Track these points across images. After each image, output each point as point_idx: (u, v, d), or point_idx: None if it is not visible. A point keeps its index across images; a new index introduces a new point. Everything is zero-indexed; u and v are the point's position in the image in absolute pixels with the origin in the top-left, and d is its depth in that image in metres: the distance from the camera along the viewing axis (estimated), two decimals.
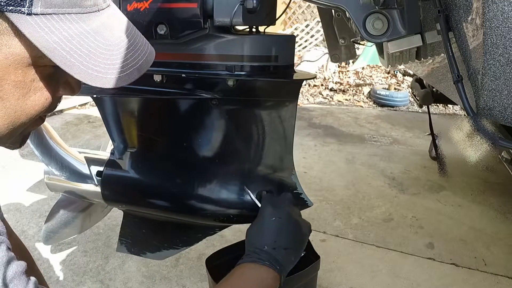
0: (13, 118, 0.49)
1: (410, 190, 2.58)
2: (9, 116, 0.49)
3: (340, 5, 0.91)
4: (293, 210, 0.90)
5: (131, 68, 0.52)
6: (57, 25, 0.45)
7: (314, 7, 5.57)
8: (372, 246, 2.02)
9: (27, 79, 0.48)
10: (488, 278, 1.79)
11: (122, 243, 1.19)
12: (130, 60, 0.52)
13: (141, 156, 1.07)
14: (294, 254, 0.83)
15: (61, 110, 4.15)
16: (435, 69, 1.34)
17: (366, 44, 2.36)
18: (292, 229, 0.86)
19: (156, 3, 0.85)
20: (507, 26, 0.74)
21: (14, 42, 0.45)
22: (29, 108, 0.50)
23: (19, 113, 0.49)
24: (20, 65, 0.47)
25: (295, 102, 0.97)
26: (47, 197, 2.36)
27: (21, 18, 0.43)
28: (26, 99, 0.49)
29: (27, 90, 0.49)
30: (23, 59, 0.46)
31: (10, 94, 0.47)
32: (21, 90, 0.48)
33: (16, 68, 0.46)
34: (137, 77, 0.53)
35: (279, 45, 0.94)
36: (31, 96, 0.49)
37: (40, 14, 0.44)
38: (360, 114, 4.33)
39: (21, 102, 0.49)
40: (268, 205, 0.90)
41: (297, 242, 0.86)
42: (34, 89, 0.49)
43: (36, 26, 0.44)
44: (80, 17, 0.47)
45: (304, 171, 2.80)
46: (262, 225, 0.86)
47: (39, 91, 0.50)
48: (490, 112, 0.84)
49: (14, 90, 0.47)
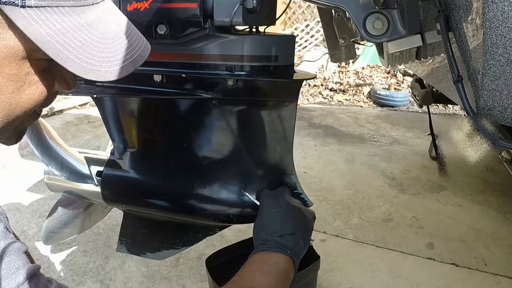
0: (8, 111, 0.49)
1: (410, 190, 2.58)
2: (4, 109, 0.49)
3: (340, 5, 0.91)
4: (291, 199, 0.92)
5: (126, 62, 0.52)
6: (51, 17, 0.45)
7: (314, 7, 5.57)
8: (372, 246, 2.02)
9: (21, 73, 0.48)
10: (488, 278, 1.79)
11: (122, 243, 1.19)
12: (125, 54, 0.52)
13: (141, 156, 1.07)
14: (302, 239, 0.84)
15: (61, 110, 4.15)
16: (435, 69, 1.34)
17: (366, 44, 2.36)
18: (295, 215, 0.87)
19: (156, 3, 0.85)
20: (507, 26, 0.74)
21: (8, 35, 0.45)
22: (24, 102, 0.50)
23: (14, 107, 0.49)
24: (14, 58, 0.47)
25: (295, 102, 0.97)
26: (47, 197, 2.36)
27: (15, 11, 0.43)
28: (20, 92, 0.49)
29: (22, 84, 0.49)
30: (17, 52, 0.46)
31: (5, 87, 0.47)
32: (16, 83, 0.48)
33: (10, 61, 0.46)
34: (132, 70, 0.53)
35: (279, 45, 0.94)
36: (26, 90, 0.49)
37: (34, 6, 0.44)
38: (360, 114, 4.33)
39: (16, 95, 0.49)
40: (266, 199, 0.92)
41: (302, 226, 0.86)
42: (29, 83, 0.49)
43: (30, 19, 0.44)
44: (74, 10, 0.47)
45: (304, 171, 2.80)
46: (264, 217, 0.87)
47: (34, 84, 0.50)
48: (490, 112, 0.84)
49: (9, 83, 0.47)
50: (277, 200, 0.89)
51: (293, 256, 0.79)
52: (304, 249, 0.84)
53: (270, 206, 0.89)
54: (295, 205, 0.90)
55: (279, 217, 0.86)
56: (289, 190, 0.97)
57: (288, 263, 0.78)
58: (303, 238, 0.84)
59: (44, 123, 1.12)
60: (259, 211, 0.91)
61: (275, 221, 0.85)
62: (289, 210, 0.87)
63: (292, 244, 0.81)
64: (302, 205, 0.93)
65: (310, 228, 0.89)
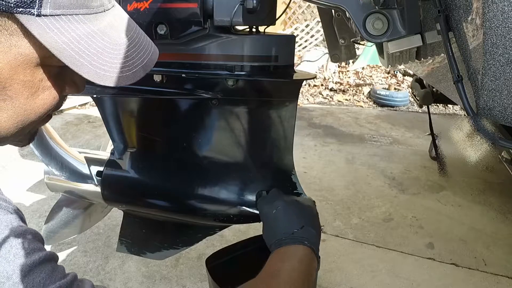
0: (23, 117, 0.51)
1: (410, 190, 2.58)
2: (19, 115, 0.50)
3: (340, 5, 0.91)
4: (286, 197, 0.94)
5: (137, 67, 0.53)
6: (66, 26, 0.46)
7: (314, 7, 5.57)
8: (372, 246, 2.02)
9: (35, 79, 0.49)
10: (488, 278, 1.79)
11: (122, 243, 1.19)
12: (136, 59, 0.53)
13: (141, 156, 1.07)
14: (313, 227, 0.85)
15: (61, 110, 4.15)
16: (435, 69, 1.34)
17: (366, 44, 2.36)
18: (297, 210, 0.88)
19: (156, 3, 0.85)
20: (507, 26, 0.74)
21: (23, 43, 0.46)
22: (38, 107, 0.51)
23: (28, 112, 0.51)
24: (28, 65, 0.48)
25: (295, 102, 0.97)
26: (47, 197, 2.36)
27: (30, 20, 0.44)
28: (35, 98, 0.50)
29: (36, 89, 0.50)
30: (32, 59, 0.47)
31: (19, 93, 0.48)
32: (30, 89, 0.49)
33: (25, 68, 0.47)
34: (142, 75, 0.54)
35: (279, 45, 0.94)
36: (40, 95, 0.51)
37: (49, 15, 0.44)
38: (360, 114, 4.33)
39: (30, 101, 0.50)
40: (263, 206, 0.93)
41: (307, 216, 0.87)
42: (42, 88, 0.51)
43: (45, 27, 0.44)
44: (88, 18, 0.48)
45: (304, 171, 2.80)
46: (269, 223, 0.88)
47: (47, 90, 0.51)
48: (490, 112, 0.84)
49: (23, 90, 0.49)
50: (273, 203, 0.90)
51: (311, 245, 0.80)
52: (318, 237, 0.85)
53: (269, 211, 0.89)
54: (292, 200, 0.92)
55: (282, 217, 0.87)
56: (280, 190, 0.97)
57: (309, 253, 0.79)
58: (313, 227, 0.85)
59: None
60: (262, 221, 0.91)
61: (281, 222, 0.86)
62: (289, 207, 0.88)
63: (307, 235, 0.82)
64: (298, 198, 0.95)
65: (315, 214, 0.91)
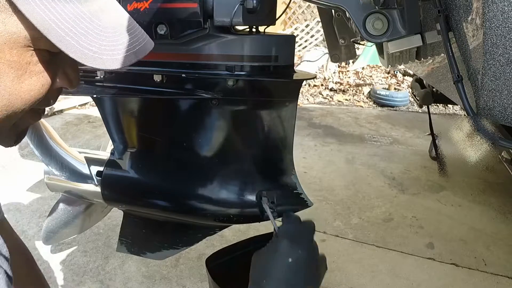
0: (7, 101, 0.49)
1: (410, 190, 2.59)
2: (3, 98, 0.48)
3: (340, 5, 0.91)
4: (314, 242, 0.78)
5: (128, 52, 0.52)
6: (54, 4, 0.46)
7: (314, 7, 5.57)
8: (372, 246, 2.02)
9: (22, 61, 0.48)
10: (488, 278, 1.79)
11: (122, 243, 1.19)
12: (127, 44, 0.52)
13: (141, 156, 1.07)
14: None
15: (61, 110, 4.16)
16: (435, 69, 1.34)
17: (366, 44, 2.36)
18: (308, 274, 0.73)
19: (156, 3, 0.85)
20: (507, 26, 0.74)
21: (11, 20, 0.45)
22: (24, 92, 0.50)
23: (13, 97, 0.49)
24: (15, 45, 0.47)
25: (295, 102, 0.97)
26: (47, 197, 2.36)
27: None
28: (21, 82, 0.49)
29: (22, 72, 0.48)
30: (19, 38, 0.46)
31: (5, 74, 0.47)
32: (16, 71, 0.48)
33: (12, 47, 0.46)
34: (134, 61, 0.53)
35: (279, 45, 0.94)
36: (26, 80, 0.49)
37: None
38: (360, 114, 4.33)
39: (16, 84, 0.48)
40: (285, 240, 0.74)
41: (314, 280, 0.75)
42: (29, 73, 0.49)
43: (34, 4, 0.44)
44: None
45: (304, 171, 2.80)
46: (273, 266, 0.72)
47: (35, 75, 0.50)
48: (490, 112, 0.84)
49: (9, 70, 0.47)
50: (298, 246, 0.73)
51: None
52: None
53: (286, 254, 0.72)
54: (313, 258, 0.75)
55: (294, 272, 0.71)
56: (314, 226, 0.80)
57: None
58: None
59: (44, 123, 1.12)
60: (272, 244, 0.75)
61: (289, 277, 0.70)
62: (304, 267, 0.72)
63: None
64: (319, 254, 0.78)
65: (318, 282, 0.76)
